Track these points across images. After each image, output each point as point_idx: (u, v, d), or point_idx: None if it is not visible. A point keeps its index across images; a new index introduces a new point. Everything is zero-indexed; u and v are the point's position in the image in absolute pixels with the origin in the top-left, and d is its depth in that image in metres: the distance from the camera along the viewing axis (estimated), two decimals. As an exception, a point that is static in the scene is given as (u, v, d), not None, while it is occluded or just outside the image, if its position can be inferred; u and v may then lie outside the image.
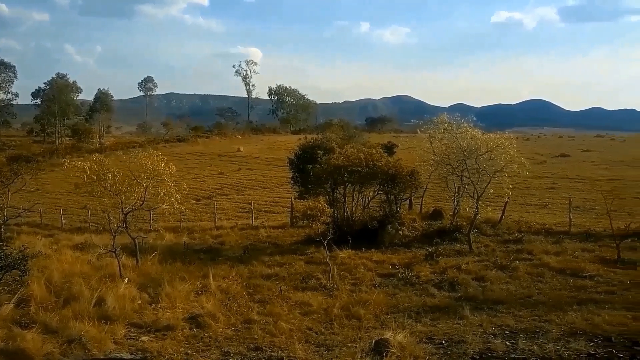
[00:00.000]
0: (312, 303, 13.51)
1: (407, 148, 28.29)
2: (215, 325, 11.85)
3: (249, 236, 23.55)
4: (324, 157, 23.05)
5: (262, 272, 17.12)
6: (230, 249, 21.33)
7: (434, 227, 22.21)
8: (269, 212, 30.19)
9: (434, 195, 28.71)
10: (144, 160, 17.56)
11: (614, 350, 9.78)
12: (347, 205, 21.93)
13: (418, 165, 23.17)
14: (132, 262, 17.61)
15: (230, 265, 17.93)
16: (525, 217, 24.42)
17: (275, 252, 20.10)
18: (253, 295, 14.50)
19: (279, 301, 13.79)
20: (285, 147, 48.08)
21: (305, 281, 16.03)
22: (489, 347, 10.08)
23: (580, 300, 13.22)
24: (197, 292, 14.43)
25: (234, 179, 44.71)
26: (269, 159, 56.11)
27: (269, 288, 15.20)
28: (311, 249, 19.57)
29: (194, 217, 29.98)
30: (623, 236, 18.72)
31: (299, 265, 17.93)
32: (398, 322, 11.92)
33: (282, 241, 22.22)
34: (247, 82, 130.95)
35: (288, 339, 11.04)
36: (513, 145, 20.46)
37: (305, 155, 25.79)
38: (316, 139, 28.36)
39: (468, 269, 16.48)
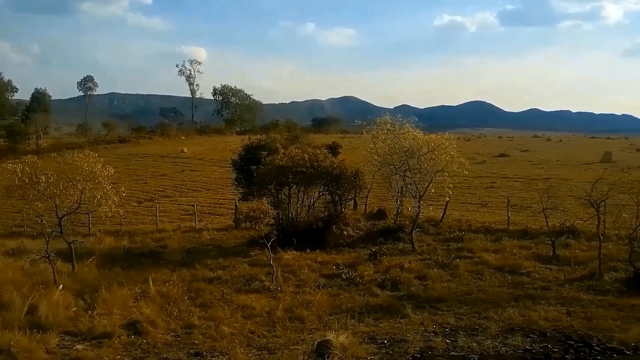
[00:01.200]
0: (255, 306, 13.39)
1: (351, 148, 28.46)
2: (154, 331, 11.57)
3: (191, 239, 23.11)
4: (268, 158, 22.85)
5: (205, 275, 16.84)
6: (173, 252, 20.87)
7: (378, 227, 22.40)
8: (212, 214, 29.72)
9: (378, 195, 28.97)
10: (79, 162, 16.99)
11: (549, 345, 10.10)
12: (291, 206, 21.82)
13: (362, 166, 23.31)
14: (68, 268, 17.00)
15: (171, 269, 17.55)
16: (466, 216, 24.95)
17: (219, 254, 19.81)
18: (195, 300, 14.25)
19: (221, 305, 13.61)
20: (230, 148, 47.43)
21: (249, 284, 15.87)
22: (430, 346, 10.22)
23: (518, 297, 13.62)
24: (136, 298, 14.08)
25: (177, 181, 43.82)
26: (213, 160, 55.32)
27: (212, 291, 14.97)
28: (255, 251, 19.38)
29: (135, 220, 29.15)
30: (558, 233, 19.38)
31: (242, 267, 17.72)
32: (341, 322, 11.95)
33: (225, 243, 21.91)
34: (191, 82, 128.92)
35: (229, 343, 10.88)
36: (453, 146, 20.88)
37: (249, 156, 25.52)
38: (260, 140, 28.12)
39: (411, 267, 16.70)
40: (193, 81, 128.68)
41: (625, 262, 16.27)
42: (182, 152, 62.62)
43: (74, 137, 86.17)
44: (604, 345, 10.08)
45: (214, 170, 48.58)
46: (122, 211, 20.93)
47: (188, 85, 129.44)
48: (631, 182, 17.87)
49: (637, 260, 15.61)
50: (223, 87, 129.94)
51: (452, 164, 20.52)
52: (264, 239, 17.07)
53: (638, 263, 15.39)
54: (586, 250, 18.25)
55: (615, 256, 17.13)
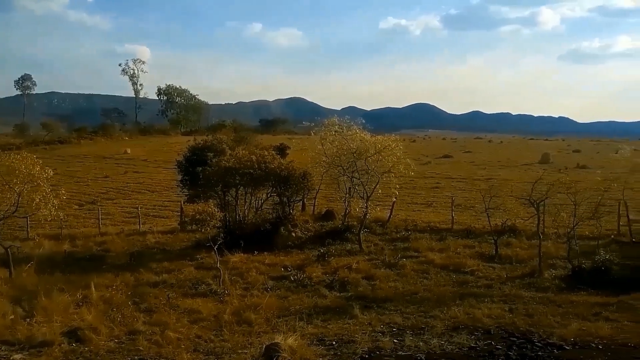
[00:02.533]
0: (201, 310, 13.17)
1: (299, 150, 28.44)
2: (96, 338, 11.19)
3: (136, 242, 22.52)
4: (215, 159, 22.54)
5: (150, 279, 16.45)
6: (116, 256, 20.28)
7: (326, 228, 22.45)
8: (157, 217, 29.06)
9: (327, 196, 29.05)
10: (17, 164, 16.31)
11: (493, 342, 10.33)
12: (239, 208, 21.61)
13: (310, 167, 23.32)
14: (5, 274, 16.31)
15: (115, 273, 17.07)
16: (412, 216, 25.31)
17: (164, 258, 19.38)
18: (139, 305, 13.90)
19: (166, 309, 13.32)
20: (175, 149, 46.51)
21: (195, 287, 15.60)
22: (378, 346, 10.28)
23: (462, 295, 13.91)
24: (77, 304, 13.63)
25: (121, 183, 42.70)
26: (158, 162, 54.26)
27: (157, 296, 14.64)
28: (202, 254, 19.08)
29: (76, 223, 28.17)
30: (500, 232, 19.92)
31: (188, 271, 17.41)
32: (290, 325, 11.88)
33: (171, 246, 21.46)
34: (134, 82, 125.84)
35: (175, 348, 10.65)
36: (399, 147, 21.14)
37: (195, 157, 25.13)
38: (206, 141, 27.73)
39: (358, 268, 16.82)
40: (137, 81, 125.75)
41: (564, 259, 16.90)
42: (126, 153, 61.15)
43: (11, 138, 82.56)
44: (544, 341, 10.39)
45: (159, 172, 47.63)
46: (63, 214, 20.20)
47: (131, 85, 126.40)
48: (568, 183, 18.56)
49: (575, 257, 16.24)
50: (168, 87, 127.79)
51: (399, 165, 20.77)
52: (210, 241, 16.81)
53: (576, 260, 16.01)
54: (527, 248, 18.82)
55: (554, 254, 17.75)
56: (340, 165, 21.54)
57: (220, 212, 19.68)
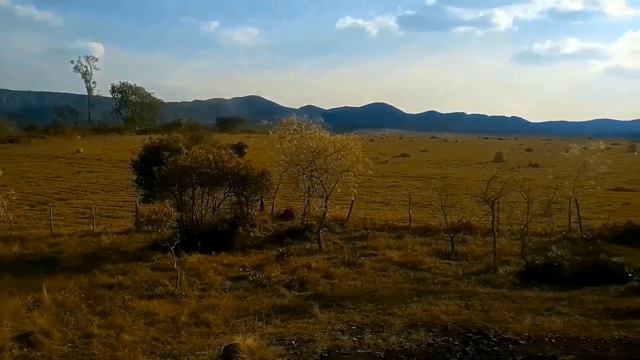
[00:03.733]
0: (158, 312, 12.93)
1: (257, 149, 28.25)
2: (49, 342, 10.86)
3: (90, 244, 21.94)
4: (170, 158, 22.13)
5: (104, 281, 16.05)
6: (69, 258, 19.70)
7: (285, 227, 22.37)
8: (112, 218, 28.40)
9: (286, 195, 28.98)
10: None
11: (450, 339, 10.48)
12: (196, 208, 21.30)
13: (269, 166, 23.19)
14: (-50, 278, 15.62)
15: (68, 275, 16.57)
16: (371, 215, 25.49)
17: (119, 259, 18.94)
18: (93, 307, 13.55)
19: (122, 312, 13.01)
20: (130, 148, 45.61)
21: (152, 289, 15.30)
22: (337, 344, 10.30)
23: (420, 292, 14.07)
24: (28, 307, 13.21)
25: (74, 182, 41.58)
26: (112, 161, 53.16)
27: (112, 298, 14.29)
28: (158, 255, 18.73)
29: (27, 224, 27.25)
30: (456, 230, 20.25)
31: (144, 272, 17.06)
32: (248, 325, 11.79)
33: (126, 248, 21.00)
34: (87, 79, 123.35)
35: (131, 351, 10.41)
36: (358, 146, 21.23)
37: (150, 156, 24.60)
38: (162, 140, 27.19)
39: (318, 267, 16.82)
40: (90, 78, 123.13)
41: (518, 256, 17.30)
42: (79, 153, 59.69)
43: (-44, 137, 79.48)
44: (500, 336, 10.61)
45: (113, 171, 46.66)
46: (12, 215, 19.58)
47: (84, 83, 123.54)
48: (521, 181, 19.01)
49: (528, 254, 16.65)
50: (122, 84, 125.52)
51: (358, 163, 20.86)
52: (166, 242, 16.53)
53: (529, 257, 16.41)
54: (482, 245, 19.20)
55: (509, 250, 18.16)
56: (299, 164, 21.51)
57: (176, 212, 19.33)
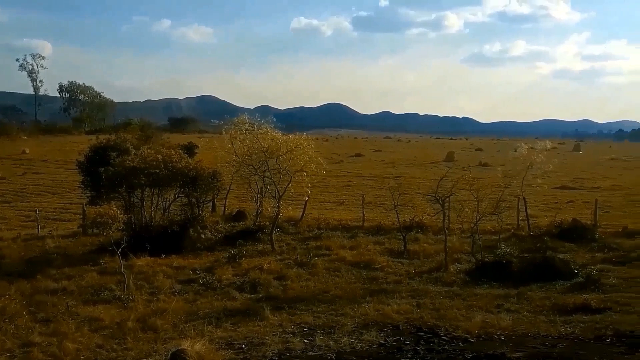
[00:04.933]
0: (103, 317, 12.48)
1: (208, 149, 27.82)
2: (-16, 353, 10.32)
3: (34, 248, 21.07)
4: (118, 159, 21.52)
5: (48, 286, 15.38)
6: (11, 262, 18.87)
7: (237, 229, 22.05)
8: (58, 220, 27.45)
9: (238, 196, 28.65)
10: None
11: (401, 338, 10.48)
12: (145, 209, 20.76)
13: (220, 167, 22.82)
14: None
15: (9, 281, 15.83)
16: (324, 214, 25.42)
17: (65, 263, 18.23)
18: (36, 314, 12.97)
19: (65, 318, 12.49)
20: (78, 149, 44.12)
21: (98, 294, 14.77)
22: (288, 347, 10.16)
23: (372, 292, 14.06)
24: (-35, 316, 12.53)
25: (18, 184, 40.11)
26: (59, 162, 51.54)
27: (55, 304, 13.72)
28: (105, 259, 18.12)
29: (-33, 229, 26.15)
30: (408, 229, 20.41)
31: (91, 276, 16.46)
32: (198, 329, 11.50)
33: (72, 251, 20.25)
34: (33, 78, 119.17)
35: (74, 360, 10.00)
36: (311, 146, 21.12)
37: (97, 157, 23.90)
38: (109, 140, 26.48)
39: (270, 268, 16.61)
40: (36, 77, 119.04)
41: (468, 254, 17.53)
42: (24, 153, 57.72)
43: None
44: (450, 334, 10.68)
45: (60, 173, 45.27)
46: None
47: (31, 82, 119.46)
48: (471, 180, 19.30)
49: (478, 252, 16.89)
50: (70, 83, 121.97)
51: (311, 163, 20.74)
52: (113, 245, 16.01)
53: (479, 254, 16.64)
54: (433, 243, 19.37)
55: (459, 248, 18.38)
56: (251, 165, 21.22)
57: (124, 214, 18.79)
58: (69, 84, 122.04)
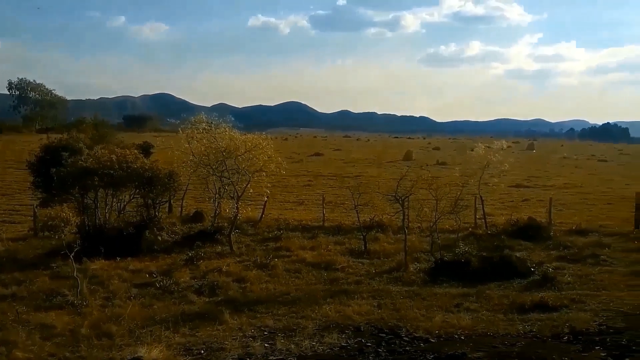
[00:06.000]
0: (56, 324, 11.99)
1: (164, 148, 27.27)
2: None
3: (-19, 252, 20.27)
4: (71, 159, 20.86)
5: (-4, 293, 14.78)
6: (-44, 269, 18.07)
7: (195, 230, 21.65)
8: (7, 223, 26.45)
9: (196, 196, 28.21)
10: None
11: (362, 340, 10.41)
12: (99, 211, 20.18)
13: (177, 167, 22.36)
14: None
15: (-46, 288, 15.15)
16: (284, 215, 25.27)
17: (14, 268, 17.50)
18: (-18, 323, 12.40)
19: (15, 326, 11.94)
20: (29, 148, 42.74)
21: (50, 299, 14.20)
22: (248, 351, 9.96)
23: (333, 293, 13.96)
24: None
25: (-36, 186, 38.68)
26: (8, 162, 49.77)
27: (4, 311, 13.11)
28: (58, 262, 17.49)
29: None
30: (368, 228, 20.43)
31: (42, 281, 15.85)
32: (155, 335, 11.17)
33: (23, 255, 19.50)
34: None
35: (23, 370, 9.57)
36: (270, 146, 20.91)
37: (48, 157, 23.15)
38: (61, 139, 25.70)
39: (229, 270, 16.33)
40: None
41: (427, 253, 17.64)
42: (-30, 153, 55.64)
43: None
44: (411, 335, 10.67)
45: (10, 173, 43.74)
46: None
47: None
48: (430, 179, 19.45)
49: (437, 250, 17.02)
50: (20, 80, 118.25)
51: (270, 163, 20.53)
52: (66, 248, 15.47)
53: (438, 253, 16.77)
54: (393, 243, 19.44)
55: (419, 247, 18.48)
56: (208, 165, 20.86)
57: (77, 217, 18.21)
58: (18, 81, 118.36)
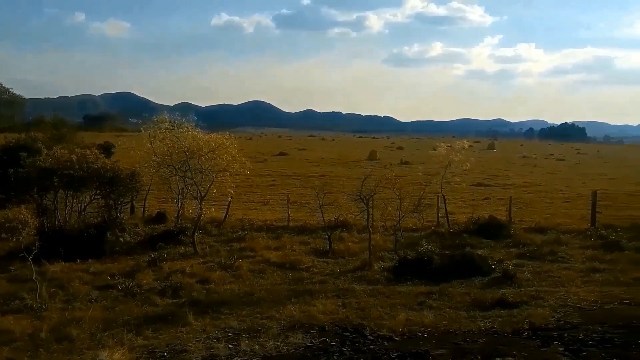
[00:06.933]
0: (14, 329, 11.69)
1: (126, 148, 26.84)
2: None
3: None
4: (29, 159, 20.37)
5: (-49, 298, 14.32)
6: None
7: (158, 231, 21.39)
8: (-38, 225, 25.73)
9: (159, 197, 27.86)
10: None
11: (327, 340, 10.44)
12: (59, 212, 19.76)
13: (139, 167, 22.02)
14: None
15: None
16: (249, 215, 25.17)
17: (-31, 272, 17.07)
18: None
19: (-30, 333, 11.65)
20: (-16, 148, 41.81)
21: (7, 303, 13.83)
22: (212, 353, 9.90)
23: (298, 293, 13.96)
24: None
25: None
26: (-37, 162, 48.32)
27: (-41, 318, 12.77)
28: (16, 265, 17.06)
29: None
30: (333, 228, 20.52)
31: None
32: (117, 338, 10.99)
33: (-21, 258, 19.00)
34: None
35: (-21, 378, 9.32)
36: (234, 145, 20.78)
37: (5, 157, 22.56)
38: (19, 139, 25.06)
39: (193, 272, 16.19)
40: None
41: (391, 251, 17.84)
42: None
43: None
44: (376, 333, 10.75)
45: (-36, 174, 42.30)
46: None
47: None
48: (394, 178, 19.65)
49: (400, 249, 17.22)
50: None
51: (234, 163, 20.41)
52: (24, 251, 15.10)
53: (402, 252, 16.97)
54: (358, 242, 19.55)
55: (383, 246, 18.65)
56: (171, 165, 20.61)
57: (36, 218, 17.78)
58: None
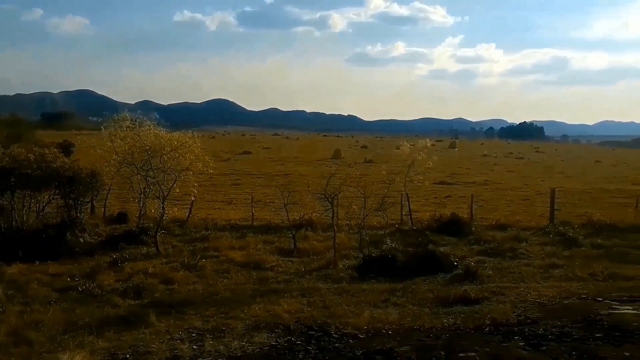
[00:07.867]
0: (-31, 333, 11.36)
1: (86, 147, 26.28)
2: None
3: None
4: (-17, 159, 19.81)
5: None
6: None
7: (119, 231, 21.01)
8: None
9: (120, 196, 27.35)
10: None
11: (292, 339, 10.44)
12: (17, 213, 19.27)
13: (99, 166, 21.59)
14: None
15: None
16: (212, 214, 24.96)
17: None
18: None
19: None
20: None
21: (-38, 308, 13.45)
22: (176, 354, 9.78)
23: (263, 292, 13.92)
24: None
25: None
26: None
27: None
28: (-29, 268, 16.58)
29: None
30: (298, 227, 20.50)
31: (-47, 288, 14.96)
32: (77, 341, 10.75)
33: None
34: None
35: None
36: (197, 144, 20.58)
37: (-41, 157, 21.83)
38: (-26, 138, 24.32)
39: (155, 272, 15.96)
40: None
41: (356, 249, 17.93)
42: None
43: None
44: (341, 331, 10.79)
45: None
46: None
47: None
48: (358, 177, 19.76)
49: (365, 247, 17.34)
50: None
51: (197, 162, 20.21)
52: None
53: (366, 250, 17.09)
54: (322, 241, 19.59)
55: (348, 245, 18.74)
56: (133, 164, 20.28)
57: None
58: None
